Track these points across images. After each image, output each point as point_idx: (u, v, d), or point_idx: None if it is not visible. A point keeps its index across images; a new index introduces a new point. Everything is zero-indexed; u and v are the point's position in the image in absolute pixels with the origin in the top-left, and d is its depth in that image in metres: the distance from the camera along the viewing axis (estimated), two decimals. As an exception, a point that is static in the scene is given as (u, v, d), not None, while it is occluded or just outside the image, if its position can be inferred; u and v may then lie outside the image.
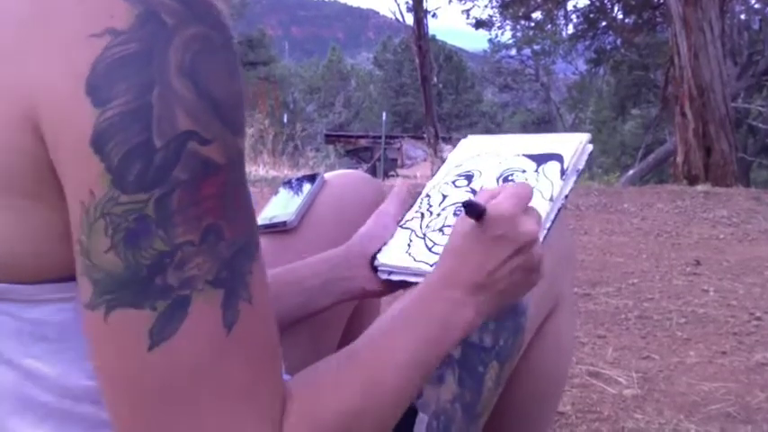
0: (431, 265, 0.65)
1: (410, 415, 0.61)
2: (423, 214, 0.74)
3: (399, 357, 0.50)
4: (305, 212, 0.85)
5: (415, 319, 0.53)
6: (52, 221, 0.40)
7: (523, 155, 0.76)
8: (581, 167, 0.73)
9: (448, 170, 0.80)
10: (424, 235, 0.71)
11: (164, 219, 0.38)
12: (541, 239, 0.67)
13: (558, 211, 0.69)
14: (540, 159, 0.74)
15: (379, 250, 0.73)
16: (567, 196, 0.71)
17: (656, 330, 1.98)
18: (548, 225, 0.68)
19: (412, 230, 0.73)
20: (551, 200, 0.69)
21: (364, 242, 0.73)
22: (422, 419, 0.62)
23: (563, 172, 0.71)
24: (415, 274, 0.68)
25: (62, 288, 0.42)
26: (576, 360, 1.71)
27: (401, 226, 0.75)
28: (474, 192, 0.74)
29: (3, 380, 0.44)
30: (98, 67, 0.37)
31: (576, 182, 0.72)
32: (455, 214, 0.72)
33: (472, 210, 0.55)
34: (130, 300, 0.38)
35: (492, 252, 0.56)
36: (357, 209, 0.79)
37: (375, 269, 0.72)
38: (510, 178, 0.73)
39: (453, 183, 0.76)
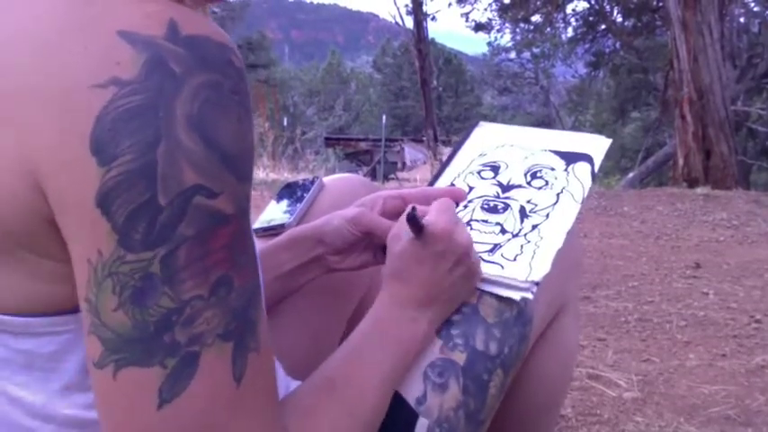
0: None
1: (411, 420, 0.61)
2: None
3: (372, 378, 0.55)
4: (303, 216, 0.85)
5: (377, 341, 0.58)
6: (46, 267, 0.40)
7: (551, 151, 0.75)
8: (596, 172, 0.73)
9: (471, 158, 0.79)
10: None
11: (170, 276, 0.37)
12: (561, 245, 0.67)
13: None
14: (569, 158, 0.74)
15: None
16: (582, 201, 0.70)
17: (655, 333, 1.98)
18: (568, 228, 0.68)
19: None
20: (582, 203, 0.69)
21: (322, 237, 0.75)
22: (422, 424, 0.61)
23: (593, 174, 0.72)
24: None
25: (53, 322, 0.42)
26: (576, 363, 1.71)
27: None
28: (501, 185, 0.74)
29: None
30: (102, 121, 0.36)
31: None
32: (482, 208, 0.72)
33: (415, 224, 0.59)
34: (139, 358, 0.38)
35: (436, 268, 0.60)
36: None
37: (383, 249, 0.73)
38: (538, 174, 0.73)
39: (479, 173, 0.76)
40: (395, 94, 29.27)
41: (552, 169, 0.73)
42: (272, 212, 0.87)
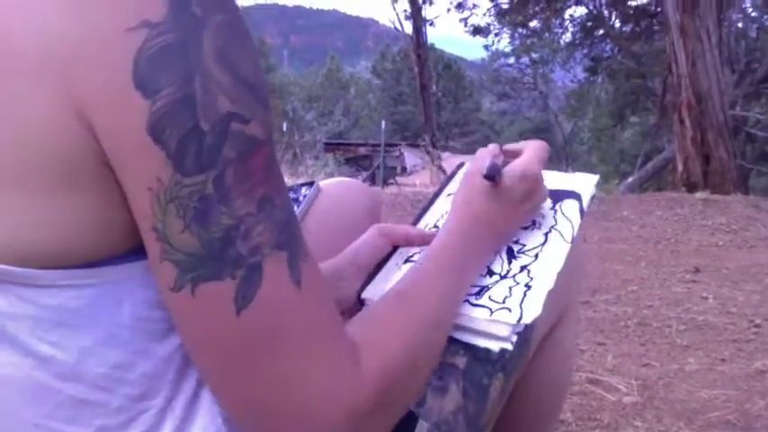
0: None
1: (410, 422, 0.60)
2: None
3: (433, 291, 0.58)
4: (300, 220, 0.85)
5: (441, 262, 0.61)
6: (87, 209, 0.42)
7: None
8: (585, 210, 0.72)
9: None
10: None
11: (223, 195, 0.41)
12: (552, 286, 0.65)
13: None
14: (556, 196, 0.72)
15: (367, 283, 0.70)
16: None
17: (655, 337, 1.98)
18: (559, 269, 0.65)
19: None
20: (571, 242, 0.67)
21: (355, 256, 0.73)
22: (422, 427, 0.61)
23: (582, 212, 0.70)
24: None
25: (82, 274, 0.43)
26: (575, 367, 1.71)
27: (407, 260, 0.71)
28: None
29: (16, 368, 0.44)
30: (141, 60, 0.39)
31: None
32: None
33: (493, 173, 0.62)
34: (212, 273, 0.41)
35: (520, 207, 0.67)
36: (352, 216, 0.79)
37: (361, 302, 0.69)
38: None
39: None
40: (394, 100, 29.33)
41: None
42: (270, 217, 0.87)
